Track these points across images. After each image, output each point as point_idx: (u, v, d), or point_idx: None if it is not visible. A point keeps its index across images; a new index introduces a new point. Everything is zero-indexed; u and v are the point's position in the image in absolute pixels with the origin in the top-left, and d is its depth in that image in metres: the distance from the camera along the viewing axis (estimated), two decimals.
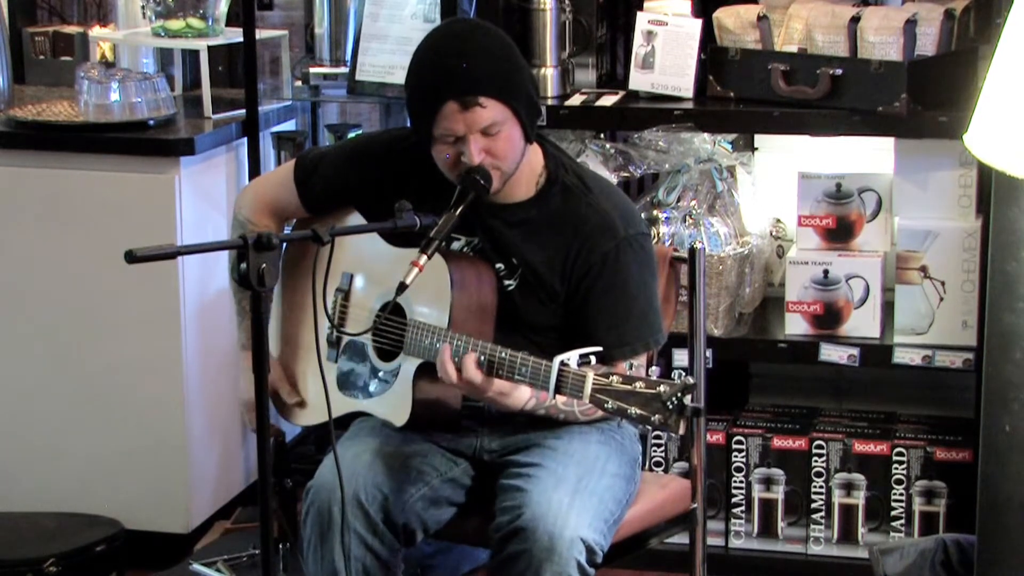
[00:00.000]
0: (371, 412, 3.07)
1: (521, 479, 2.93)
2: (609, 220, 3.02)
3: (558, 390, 2.75)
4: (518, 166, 2.99)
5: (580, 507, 2.87)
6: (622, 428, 3.10)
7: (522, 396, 2.91)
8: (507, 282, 3.03)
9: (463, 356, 2.84)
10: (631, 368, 2.99)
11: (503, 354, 2.82)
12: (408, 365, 2.99)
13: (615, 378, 2.68)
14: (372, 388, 3.07)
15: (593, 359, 2.73)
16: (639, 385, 2.65)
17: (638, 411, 2.64)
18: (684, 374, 2.67)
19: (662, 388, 2.63)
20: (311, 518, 2.94)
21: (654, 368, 2.73)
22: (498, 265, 3.04)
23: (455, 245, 3.06)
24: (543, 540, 2.82)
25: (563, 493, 2.87)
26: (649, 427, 2.68)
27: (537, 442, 3.03)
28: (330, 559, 2.92)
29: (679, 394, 2.61)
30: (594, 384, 2.69)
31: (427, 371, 2.95)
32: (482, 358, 2.83)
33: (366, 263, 3.12)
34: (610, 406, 2.67)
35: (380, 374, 3.05)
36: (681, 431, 2.65)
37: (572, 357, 2.73)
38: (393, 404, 3.02)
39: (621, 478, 3.02)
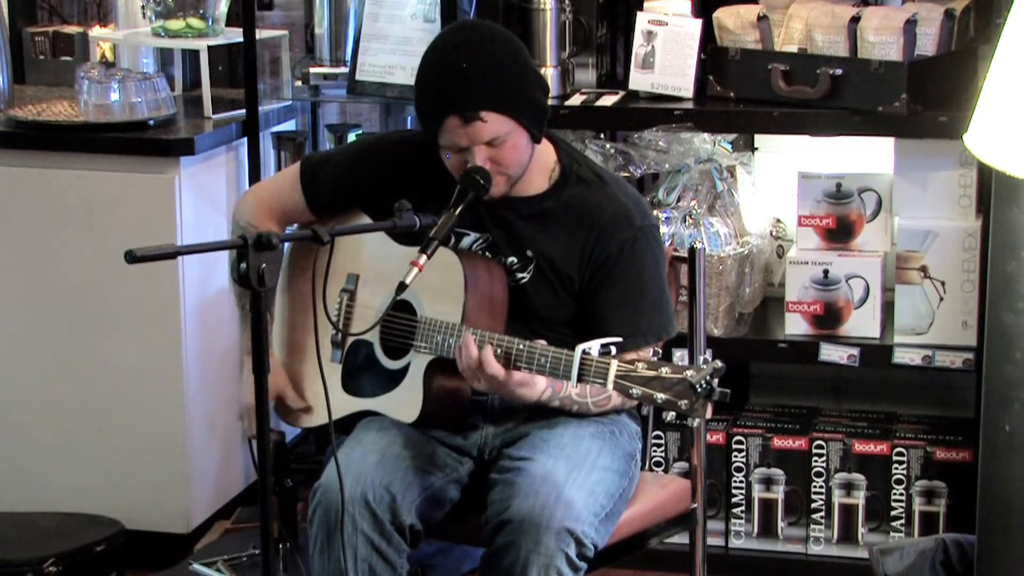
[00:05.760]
0: (380, 411, 3.06)
1: (511, 472, 2.92)
2: (625, 210, 3.04)
3: (580, 379, 2.74)
4: (525, 169, 3.00)
5: (568, 499, 2.86)
6: (620, 424, 3.10)
7: (539, 387, 2.92)
8: (520, 275, 3.04)
9: (482, 349, 2.84)
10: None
11: (521, 345, 2.83)
12: (418, 362, 3.00)
13: (640, 364, 2.67)
14: (380, 387, 3.06)
15: (614, 349, 2.73)
16: (665, 371, 2.64)
17: (664, 396, 2.63)
18: (711, 359, 2.65)
19: (689, 373, 2.61)
20: (318, 518, 2.93)
21: (681, 353, 2.72)
22: (511, 259, 3.04)
23: (466, 241, 3.07)
24: (530, 532, 2.82)
25: (551, 485, 2.86)
26: (675, 412, 2.65)
27: (530, 436, 3.03)
28: (337, 560, 2.90)
29: (708, 378, 2.60)
30: (618, 370, 2.69)
31: (438, 367, 2.96)
32: (498, 351, 2.83)
33: (373, 263, 3.12)
34: (635, 392, 2.66)
35: (389, 372, 3.05)
36: (708, 415, 2.65)
37: (593, 346, 2.73)
38: (403, 401, 3.02)
39: (613, 472, 3.00)
